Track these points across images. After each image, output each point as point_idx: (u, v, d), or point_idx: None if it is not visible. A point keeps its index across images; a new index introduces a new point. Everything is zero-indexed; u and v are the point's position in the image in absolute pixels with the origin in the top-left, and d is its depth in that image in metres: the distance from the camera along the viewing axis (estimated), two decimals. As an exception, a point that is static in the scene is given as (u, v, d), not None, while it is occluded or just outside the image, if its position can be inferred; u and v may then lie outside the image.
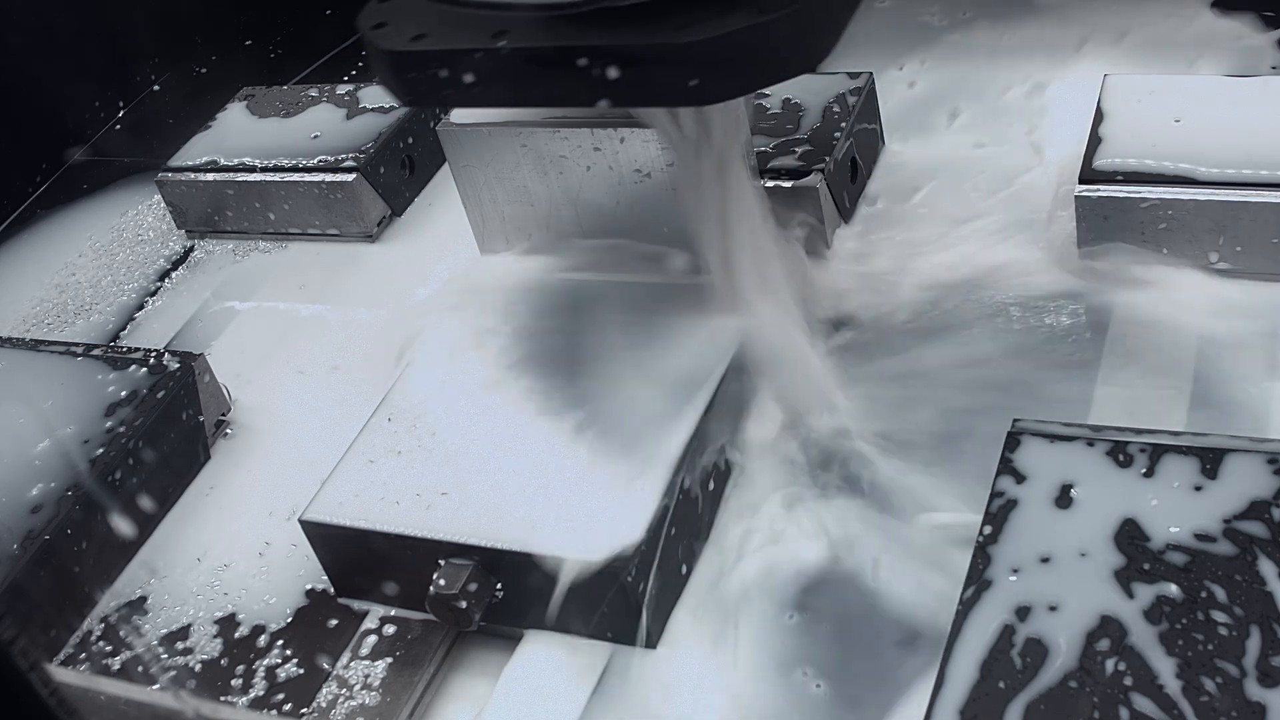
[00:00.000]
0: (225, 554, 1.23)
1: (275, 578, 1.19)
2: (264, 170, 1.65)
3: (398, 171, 1.66)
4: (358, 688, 1.07)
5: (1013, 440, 1.02)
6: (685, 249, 1.26)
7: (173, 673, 1.13)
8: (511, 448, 1.13)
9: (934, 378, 1.23)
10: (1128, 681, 0.85)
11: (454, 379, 1.21)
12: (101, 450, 1.24)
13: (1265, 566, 0.89)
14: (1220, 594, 0.89)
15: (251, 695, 1.09)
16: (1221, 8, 1.58)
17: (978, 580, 0.93)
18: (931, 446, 1.15)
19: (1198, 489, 0.95)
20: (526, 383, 1.18)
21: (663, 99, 1.02)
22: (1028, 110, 1.53)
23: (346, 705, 1.06)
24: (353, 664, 1.09)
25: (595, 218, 1.27)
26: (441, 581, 1.05)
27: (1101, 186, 1.26)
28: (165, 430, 1.29)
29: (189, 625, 1.17)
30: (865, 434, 1.17)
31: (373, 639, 1.11)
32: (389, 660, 1.09)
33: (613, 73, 0.92)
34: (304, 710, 1.06)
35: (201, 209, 1.72)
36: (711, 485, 1.14)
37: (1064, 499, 0.97)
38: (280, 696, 1.08)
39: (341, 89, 1.78)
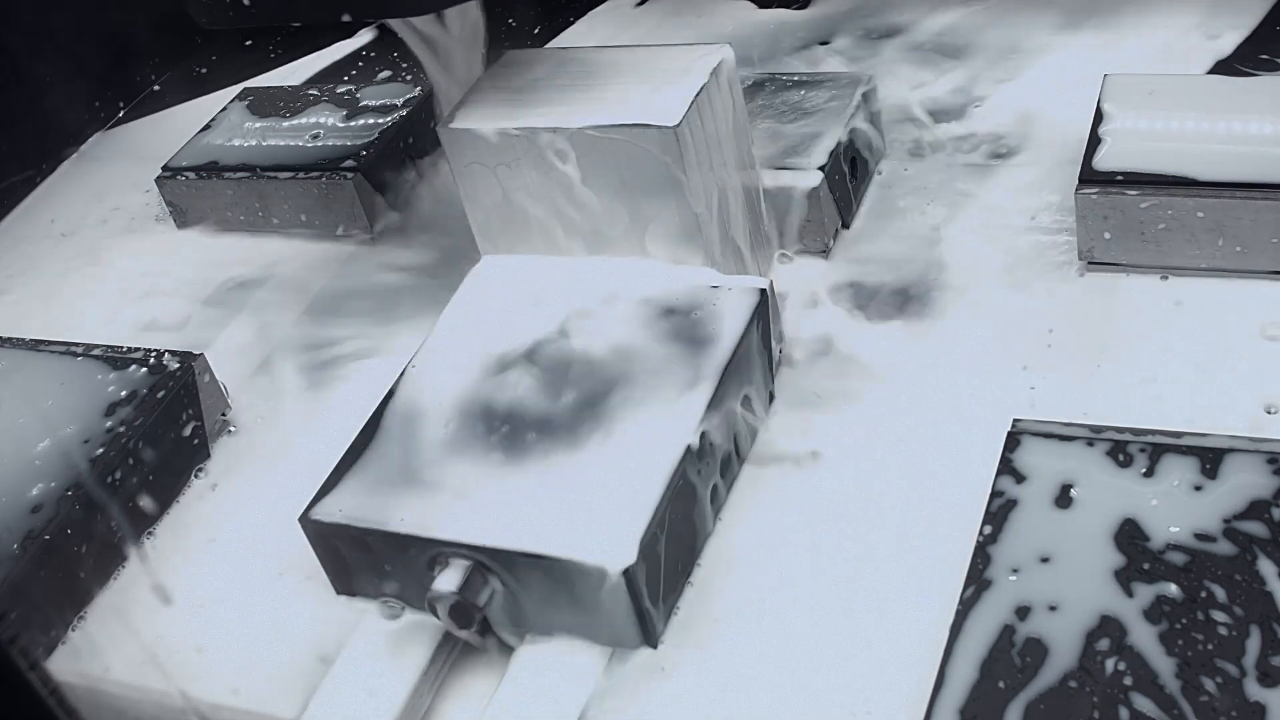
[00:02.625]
0: (225, 554, 1.23)
1: (275, 577, 1.19)
2: (264, 170, 1.65)
3: (398, 171, 1.66)
4: (358, 687, 1.07)
5: (1013, 440, 1.03)
6: (687, 248, 1.26)
7: (172, 671, 1.13)
8: (512, 447, 1.13)
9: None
10: (1128, 681, 0.85)
11: (454, 378, 1.21)
12: (101, 450, 1.24)
13: (1265, 566, 0.89)
14: (1220, 594, 0.89)
15: (251, 695, 1.09)
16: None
17: (978, 580, 0.93)
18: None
19: (1198, 489, 0.95)
20: (527, 382, 1.19)
21: (391, 10, 1.21)
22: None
23: (346, 705, 1.06)
24: (352, 664, 1.09)
25: (595, 217, 1.27)
26: (441, 581, 1.05)
27: (1101, 186, 1.26)
28: (165, 430, 1.29)
29: (189, 625, 1.17)
30: None
31: (372, 638, 1.11)
32: (389, 660, 1.09)
33: None
34: (304, 709, 1.06)
35: (201, 209, 1.72)
36: (712, 485, 1.14)
37: (1064, 499, 0.97)
38: (280, 696, 1.08)
39: (341, 89, 1.78)
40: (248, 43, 2.15)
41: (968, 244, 1.38)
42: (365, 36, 2.11)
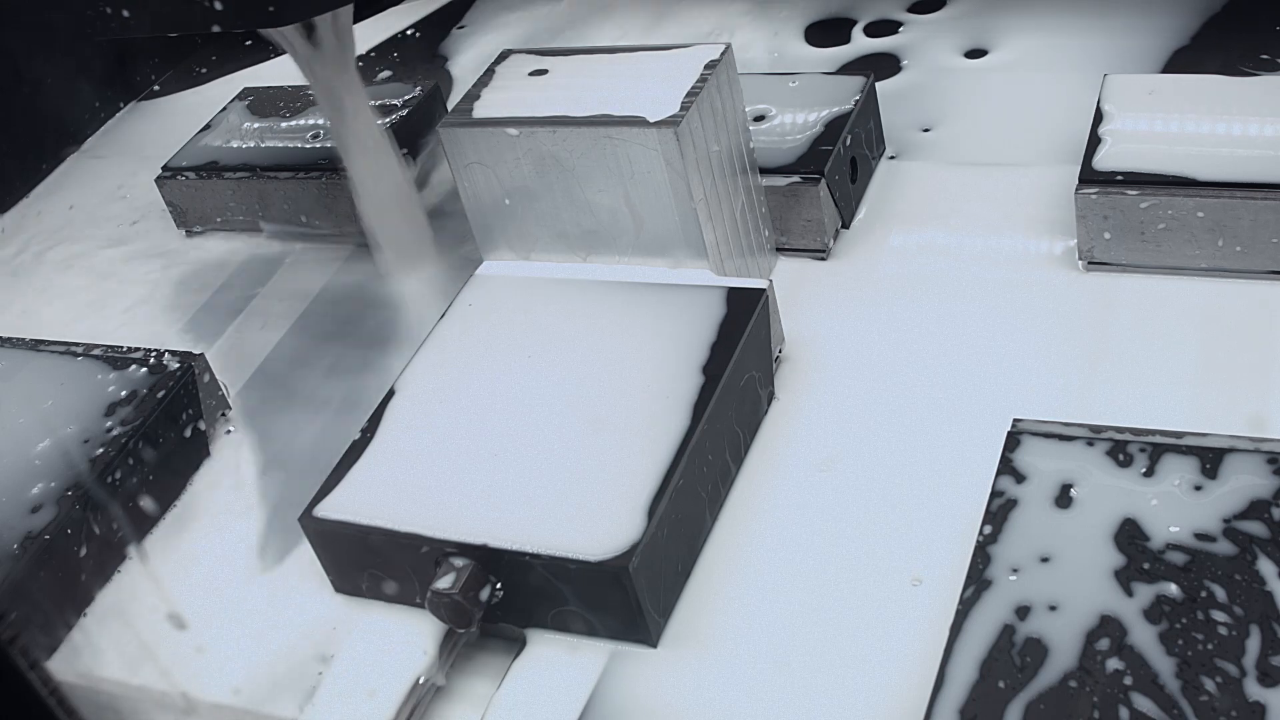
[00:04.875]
0: (225, 553, 1.23)
1: (275, 577, 1.19)
2: (264, 170, 1.65)
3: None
4: (358, 687, 1.07)
5: (1013, 440, 1.02)
6: (687, 248, 1.26)
7: (172, 671, 1.13)
8: (512, 447, 1.13)
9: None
10: (1128, 681, 0.85)
11: (455, 378, 1.21)
12: (101, 450, 1.24)
13: (1265, 566, 0.89)
14: (1220, 594, 0.89)
15: (251, 695, 1.09)
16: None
17: (978, 580, 0.93)
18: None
19: (1198, 489, 0.95)
20: (527, 382, 1.19)
21: (254, 21, 1.25)
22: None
23: (346, 705, 1.06)
24: (352, 664, 1.09)
25: (595, 217, 1.27)
26: (441, 580, 1.05)
27: (1101, 186, 1.26)
28: (165, 430, 1.29)
29: (188, 624, 1.17)
30: None
31: (372, 638, 1.11)
32: (389, 660, 1.09)
33: (217, 4, 1.18)
34: (303, 709, 1.06)
35: (201, 209, 1.72)
36: (712, 485, 1.14)
37: (1064, 499, 0.97)
38: (280, 696, 1.08)
39: (341, 89, 1.78)
40: (248, 43, 2.15)
41: (968, 244, 1.38)
42: (366, 40, 2.12)
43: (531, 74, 1.32)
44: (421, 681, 1.07)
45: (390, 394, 1.22)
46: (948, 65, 1.68)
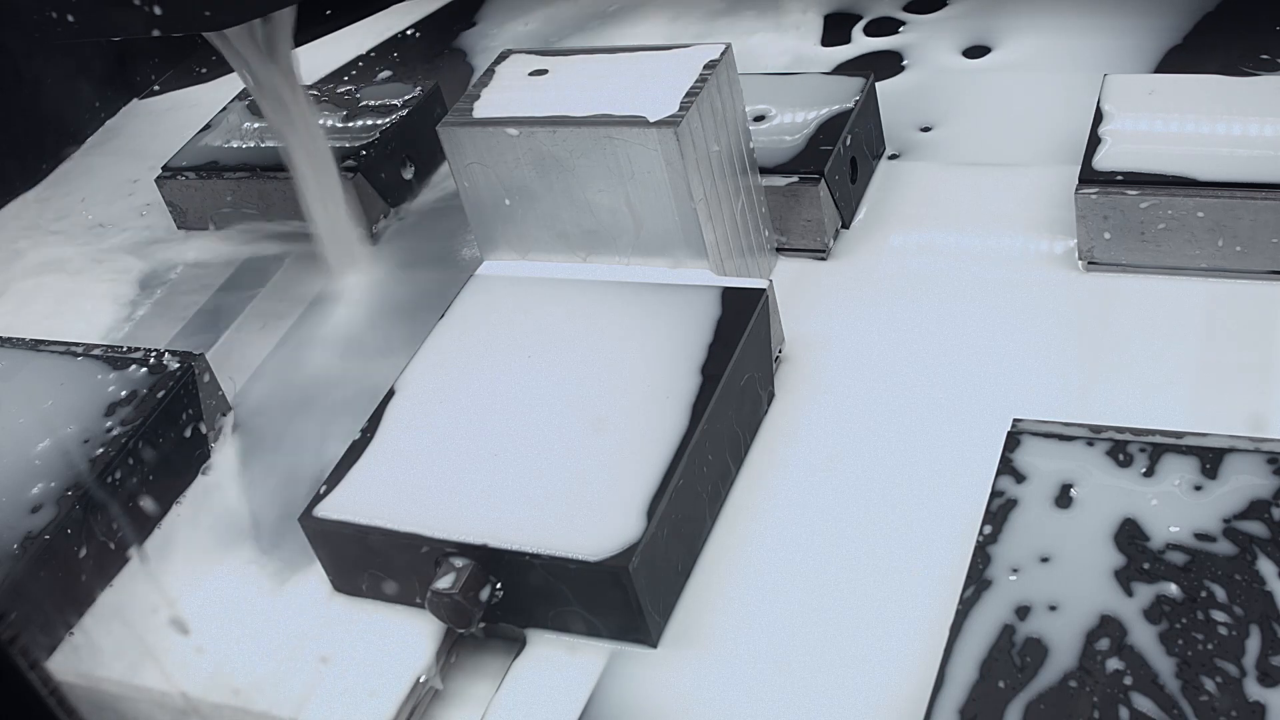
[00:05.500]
0: (225, 553, 1.23)
1: (275, 576, 1.19)
2: (264, 170, 1.65)
3: (398, 171, 1.66)
4: (358, 687, 1.07)
5: (1012, 440, 1.02)
6: (687, 248, 1.26)
7: (172, 671, 1.13)
8: (512, 447, 1.13)
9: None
10: (1128, 681, 0.85)
11: (455, 378, 1.21)
12: (101, 450, 1.24)
13: (1265, 566, 0.89)
14: (1220, 594, 0.89)
15: (251, 695, 1.09)
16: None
17: (978, 580, 0.93)
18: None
19: (1198, 489, 0.95)
20: (527, 382, 1.19)
21: (191, 26, 1.28)
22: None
23: (346, 705, 1.06)
24: (352, 663, 1.09)
25: (595, 217, 1.27)
26: (440, 580, 1.05)
27: (1101, 186, 1.26)
28: (165, 430, 1.29)
29: (188, 624, 1.17)
30: None
31: (372, 638, 1.11)
32: (389, 660, 1.09)
33: (157, 9, 1.22)
34: (303, 709, 1.06)
35: (201, 209, 1.72)
36: (712, 485, 1.14)
37: (1064, 499, 0.97)
38: (280, 696, 1.08)
39: (341, 89, 1.78)
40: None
41: (968, 244, 1.38)
42: (366, 40, 2.12)
43: (531, 74, 1.32)
44: (422, 681, 1.07)
45: (390, 394, 1.22)
46: (948, 65, 1.69)
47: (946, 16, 1.78)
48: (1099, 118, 1.33)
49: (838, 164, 1.39)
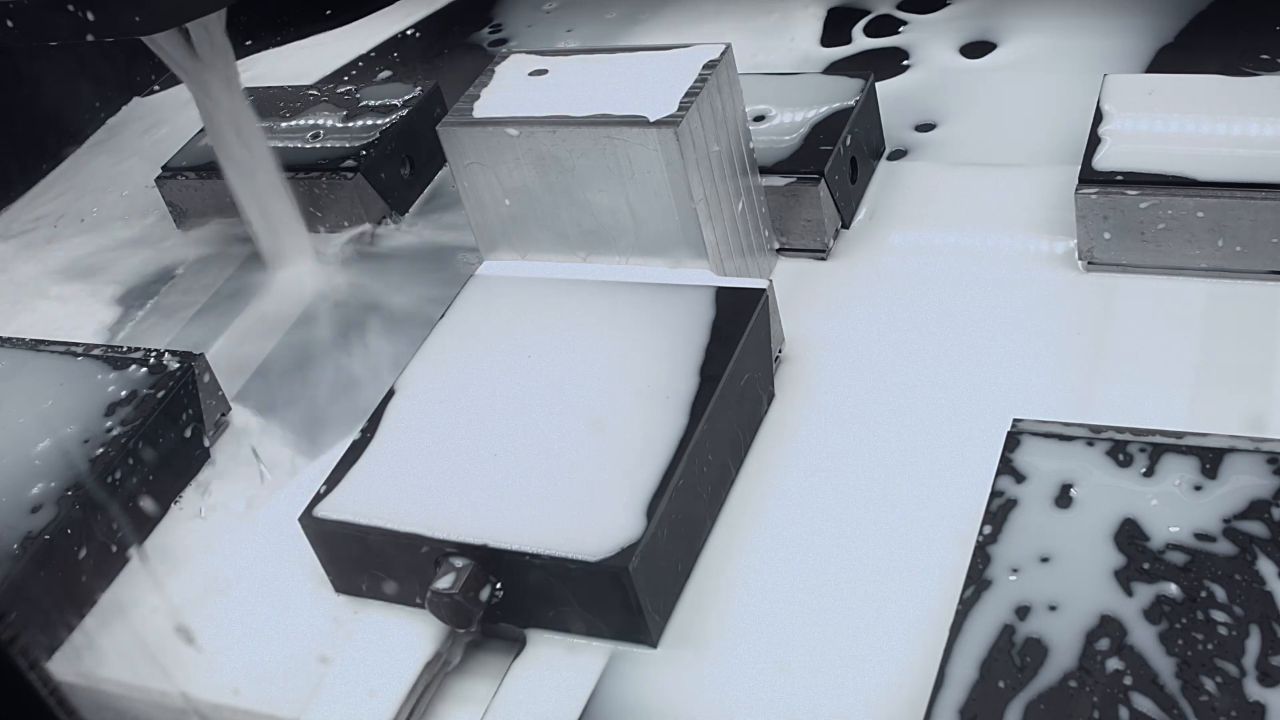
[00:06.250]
0: (225, 553, 1.23)
1: (275, 577, 1.19)
2: (264, 170, 1.65)
3: (398, 171, 1.66)
4: (358, 687, 1.07)
5: (1012, 440, 1.02)
6: (687, 248, 1.26)
7: (172, 671, 1.13)
8: (512, 447, 1.13)
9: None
10: (1128, 681, 0.85)
11: (454, 378, 1.21)
12: (101, 450, 1.24)
13: (1265, 566, 0.89)
14: (1220, 594, 0.89)
15: (251, 695, 1.09)
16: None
17: (978, 580, 0.93)
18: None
19: (1198, 489, 0.95)
20: (527, 382, 1.19)
21: (124, 31, 1.31)
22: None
23: (346, 705, 1.06)
24: (352, 663, 1.09)
25: (595, 217, 1.27)
26: (441, 580, 1.05)
27: (1101, 186, 1.26)
28: (165, 430, 1.29)
29: (188, 624, 1.17)
30: None
31: (372, 638, 1.11)
32: (389, 660, 1.09)
33: (90, 15, 1.27)
34: (303, 709, 1.06)
35: (201, 209, 1.72)
36: (711, 485, 1.14)
37: (1064, 499, 0.97)
38: (280, 696, 1.08)
39: (341, 89, 1.78)
40: (248, 42, 2.15)
41: (968, 244, 1.38)
42: (366, 40, 2.12)
43: (531, 74, 1.32)
44: (421, 682, 1.07)
45: (390, 394, 1.22)
46: (948, 65, 1.69)
47: (947, 16, 1.79)
48: (1099, 118, 1.33)
49: (838, 164, 1.39)
